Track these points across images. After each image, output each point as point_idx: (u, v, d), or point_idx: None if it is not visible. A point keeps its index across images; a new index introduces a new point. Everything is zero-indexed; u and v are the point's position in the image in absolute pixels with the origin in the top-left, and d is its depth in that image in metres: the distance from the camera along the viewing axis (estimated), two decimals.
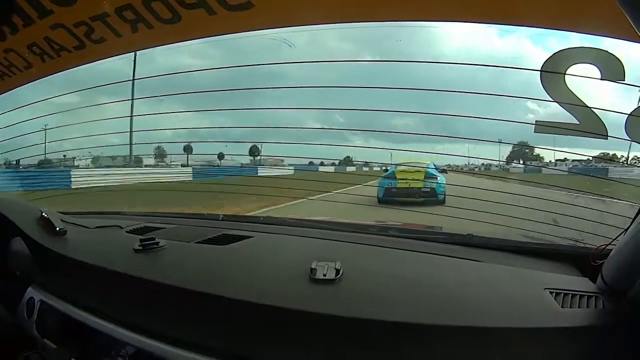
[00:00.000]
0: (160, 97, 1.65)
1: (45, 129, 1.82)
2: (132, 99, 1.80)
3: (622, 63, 0.89)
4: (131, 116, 1.83)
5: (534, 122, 1.00)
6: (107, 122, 1.80)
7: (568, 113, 0.93)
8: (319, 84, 1.32)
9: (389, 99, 1.30)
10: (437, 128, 1.31)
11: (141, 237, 1.06)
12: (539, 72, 0.95)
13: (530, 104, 1.09)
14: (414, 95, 1.20)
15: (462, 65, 1.19)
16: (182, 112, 1.74)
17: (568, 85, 0.93)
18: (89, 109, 1.80)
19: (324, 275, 0.79)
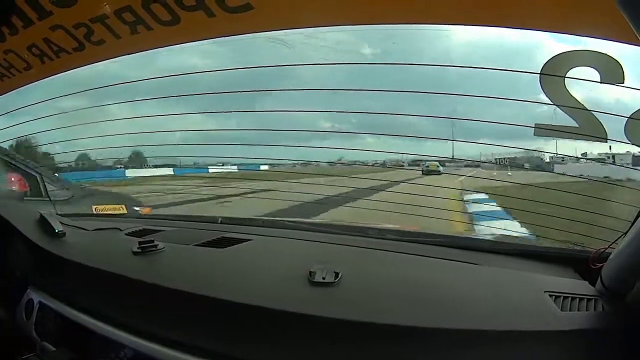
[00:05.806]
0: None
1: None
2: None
3: (621, 66, 0.89)
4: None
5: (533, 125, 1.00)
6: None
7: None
8: (316, 85, 1.32)
9: (393, 95, 1.29)
10: (437, 125, 1.31)
11: (140, 239, 1.06)
12: (539, 74, 0.95)
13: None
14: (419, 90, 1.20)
15: (466, 58, 1.18)
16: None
17: (567, 88, 0.93)
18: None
19: (323, 278, 0.79)
